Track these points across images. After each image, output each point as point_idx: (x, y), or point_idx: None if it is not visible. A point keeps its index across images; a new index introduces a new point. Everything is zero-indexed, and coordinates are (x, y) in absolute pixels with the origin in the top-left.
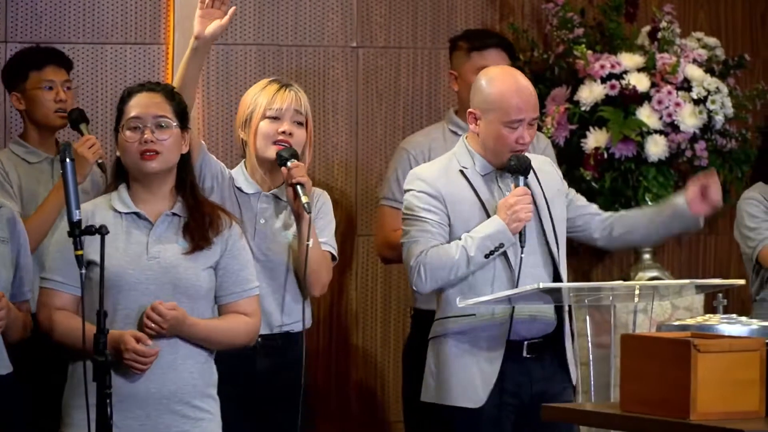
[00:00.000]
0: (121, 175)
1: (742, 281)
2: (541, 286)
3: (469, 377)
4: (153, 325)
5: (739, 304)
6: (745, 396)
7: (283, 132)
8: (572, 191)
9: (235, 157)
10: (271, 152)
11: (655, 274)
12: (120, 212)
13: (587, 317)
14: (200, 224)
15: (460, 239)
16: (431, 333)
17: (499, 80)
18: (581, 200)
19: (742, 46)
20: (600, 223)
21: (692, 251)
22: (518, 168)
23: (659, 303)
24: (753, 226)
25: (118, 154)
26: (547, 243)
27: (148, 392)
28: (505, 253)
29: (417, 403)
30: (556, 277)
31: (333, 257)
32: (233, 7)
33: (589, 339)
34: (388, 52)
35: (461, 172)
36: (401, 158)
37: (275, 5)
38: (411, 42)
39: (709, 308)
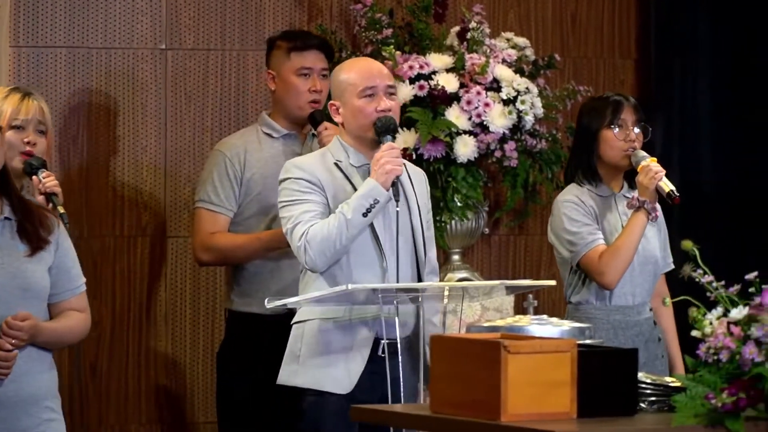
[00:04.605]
0: None
1: (552, 282)
2: (350, 288)
3: (335, 365)
4: (14, 341)
5: (549, 305)
6: (556, 397)
7: (28, 142)
8: (431, 217)
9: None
10: (17, 162)
11: (464, 274)
12: None
13: (396, 318)
14: (34, 225)
15: None
16: (297, 317)
17: (349, 64)
18: (429, 231)
19: (552, 47)
20: None
21: (502, 252)
22: (383, 128)
23: (469, 304)
24: (575, 231)
25: None
26: (414, 240)
27: (7, 397)
28: (381, 251)
29: (233, 404)
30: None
31: None
32: None
33: (398, 340)
34: (197, 54)
35: (336, 164)
36: (217, 160)
37: (85, 8)
38: (219, 44)
39: (520, 309)
